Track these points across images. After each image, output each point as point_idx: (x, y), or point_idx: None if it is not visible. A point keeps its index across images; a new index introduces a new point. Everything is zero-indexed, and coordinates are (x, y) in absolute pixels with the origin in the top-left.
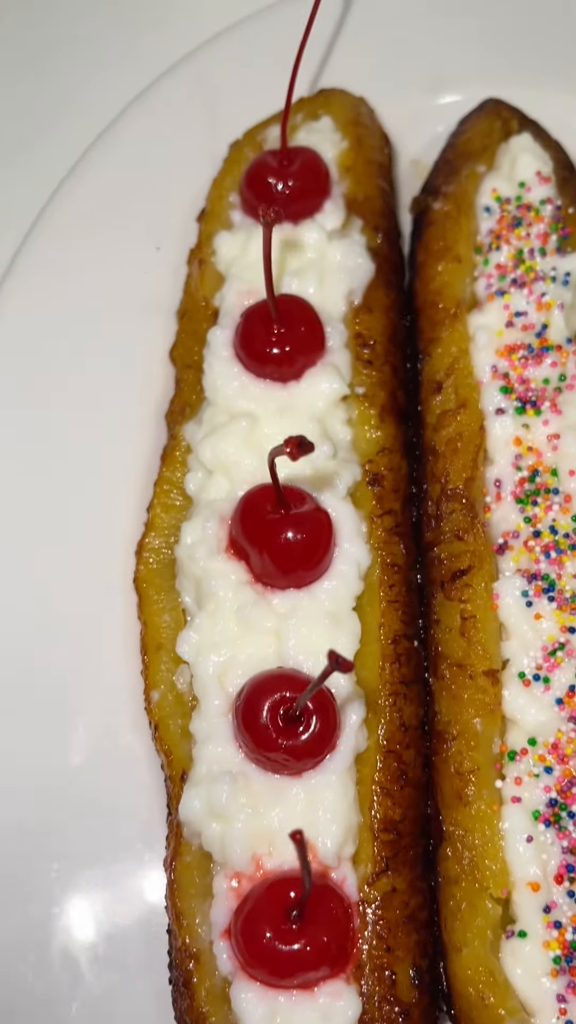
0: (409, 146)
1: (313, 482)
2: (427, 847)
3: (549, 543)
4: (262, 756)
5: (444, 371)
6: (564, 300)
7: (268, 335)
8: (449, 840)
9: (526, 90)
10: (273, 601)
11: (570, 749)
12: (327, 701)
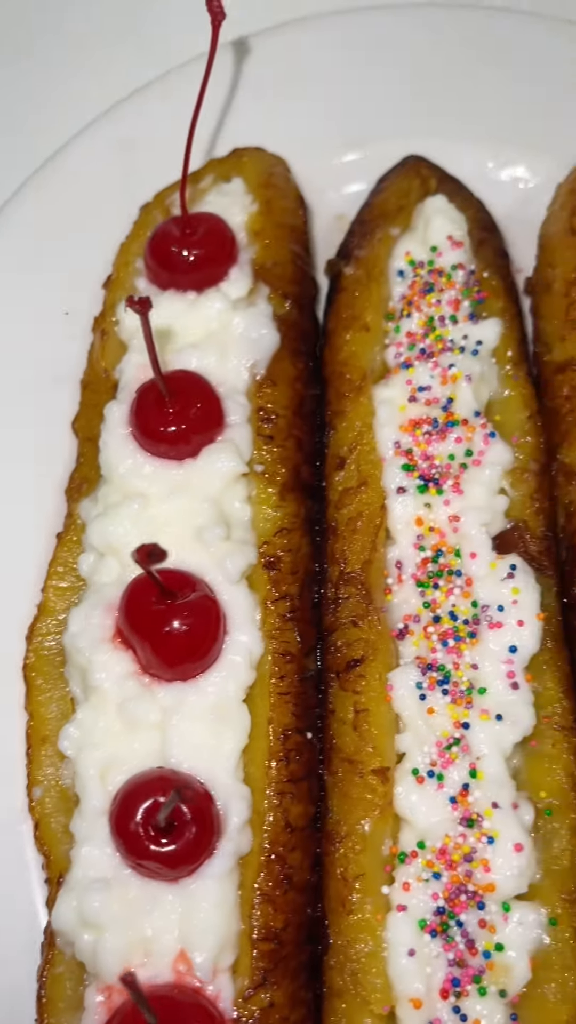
0: (336, 201)
1: (206, 566)
2: (315, 953)
3: (448, 630)
4: (135, 861)
5: (348, 446)
6: (472, 372)
7: (161, 413)
8: (334, 949)
9: (452, 144)
10: (158, 694)
11: (457, 856)
12: (205, 805)
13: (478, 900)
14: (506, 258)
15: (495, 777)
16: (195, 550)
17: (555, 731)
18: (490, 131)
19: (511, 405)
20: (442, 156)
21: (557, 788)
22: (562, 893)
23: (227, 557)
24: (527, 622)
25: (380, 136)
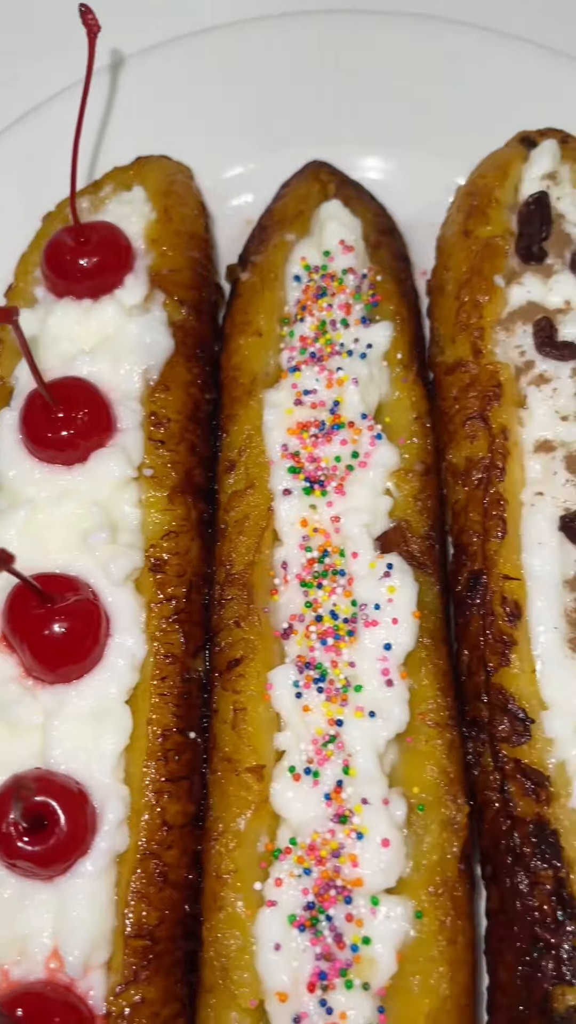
0: (246, 207)
1: (90, 570)
2: (193, 949)
3: (328, 628)
4: (7, 863)
5: (238, 449)
6: (359, 375)
7: (48, 419)
8: (207, 945)
9: (363, 149)
10: (40, 697)
11: (325, 851)
12: (78, 803)
13: (346, 895)
14: (405, 261)
15: (366, 773)
16: (80, 554)
17: (429, 728)
18: (401, 136)
19: (400, 407)
20: (352, 162)
21: (430, 784)
22: (429, 887)
23: (111, 560)
24: (402, 620)
25: (293, 142)
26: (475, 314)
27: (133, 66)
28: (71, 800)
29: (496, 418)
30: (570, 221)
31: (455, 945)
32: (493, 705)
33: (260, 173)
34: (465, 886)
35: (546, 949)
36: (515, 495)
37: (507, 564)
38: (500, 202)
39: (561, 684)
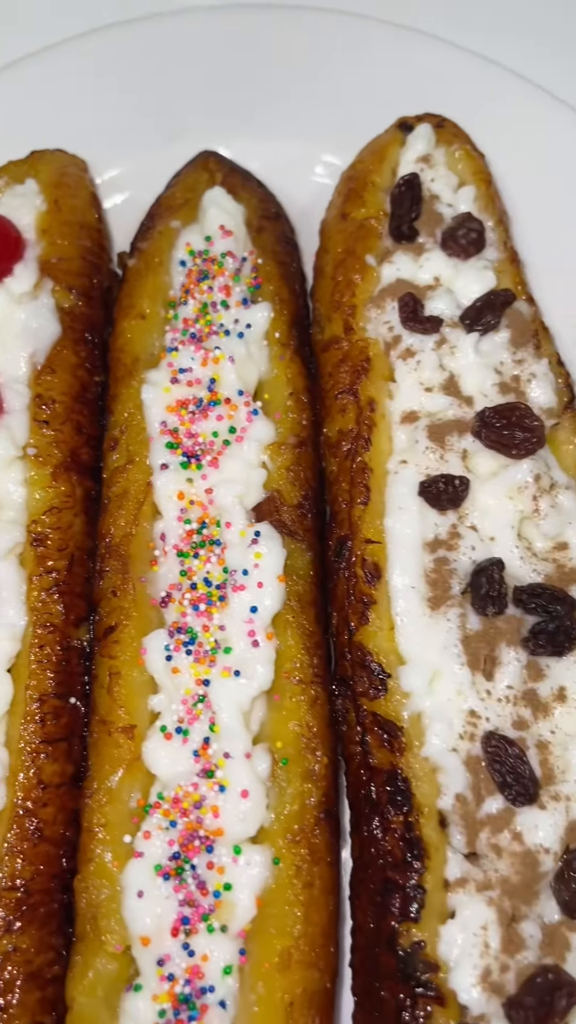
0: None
1: None
2: (67, 902)
3: (202, 595)
4: None
5: (120, 428)
6: (236, 353)
7: None
8: (78, 896)
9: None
10: None
11: (188, 803)
12: None
13: (208, 844)
14: (290, 245)
15: (229, 729)
16: None
17: (293, 685)
18: (296, 128)
19: (277, 384)
20: (248, 154)
21: (293, 738)
22: (287, 835)
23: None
24: (267, 584)
25: (190, 134)
26: (348, 292)
27: (35, 64)
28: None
29: (364, 391)
30: (443, 202)
31: (311, 889)
32: (355, 662)
33: (155, 166)
34: (325, 834)
35: (394, 889)
36: (381, 464)
37: (370, 529)
38: (376, 185)
39: (418, 640)
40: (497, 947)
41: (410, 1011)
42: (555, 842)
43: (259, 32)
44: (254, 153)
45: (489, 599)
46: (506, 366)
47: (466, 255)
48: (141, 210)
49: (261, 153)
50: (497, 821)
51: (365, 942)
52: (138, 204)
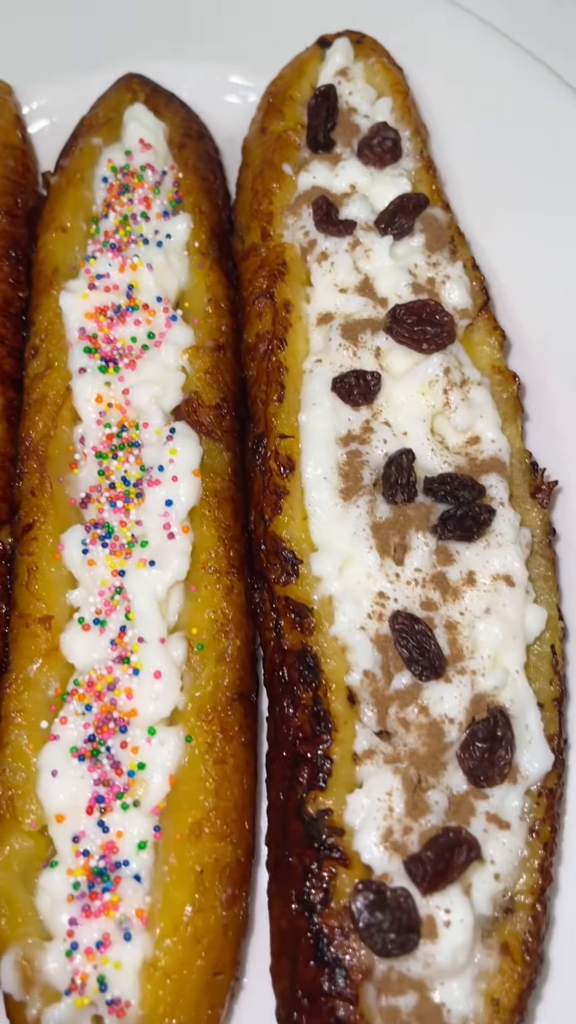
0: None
1: None
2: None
3: (119, 493)
4: None
5: (40, 336)
6: (155, 261)
7: None
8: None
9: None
10: None
11: (101, 685)
12: None
13: (122, 725)
14: (212, 163)
15: (143, 615)
16: None
17: (209, 575)
18: (223, 53)
19: (196, 292)
20: (174, 77)
21: (207, 624)
22: (200, 714)
23: None
24: (182, 478)
25: (116, 57)
26: (265, 200)
27: None
28: None
29: (280, 294)
30: (360, 113)
31: (223, 765)
32: (269, 552)
33: (81, 91)
34: (238, 715)
35: (303, 761)
36: (296, 364)
37: (285, 425)
38: (295, 99)
39: (329, 528)
40: (401, 811)
41: (315, 873)
42: (460, 712)
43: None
44: (183, 81)
45: (399, 487)
46: (420, 269)
47: (381, 163)
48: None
49: (189, 80)
50: (405, 696)
51: (277, 817)
52: (66, 130)
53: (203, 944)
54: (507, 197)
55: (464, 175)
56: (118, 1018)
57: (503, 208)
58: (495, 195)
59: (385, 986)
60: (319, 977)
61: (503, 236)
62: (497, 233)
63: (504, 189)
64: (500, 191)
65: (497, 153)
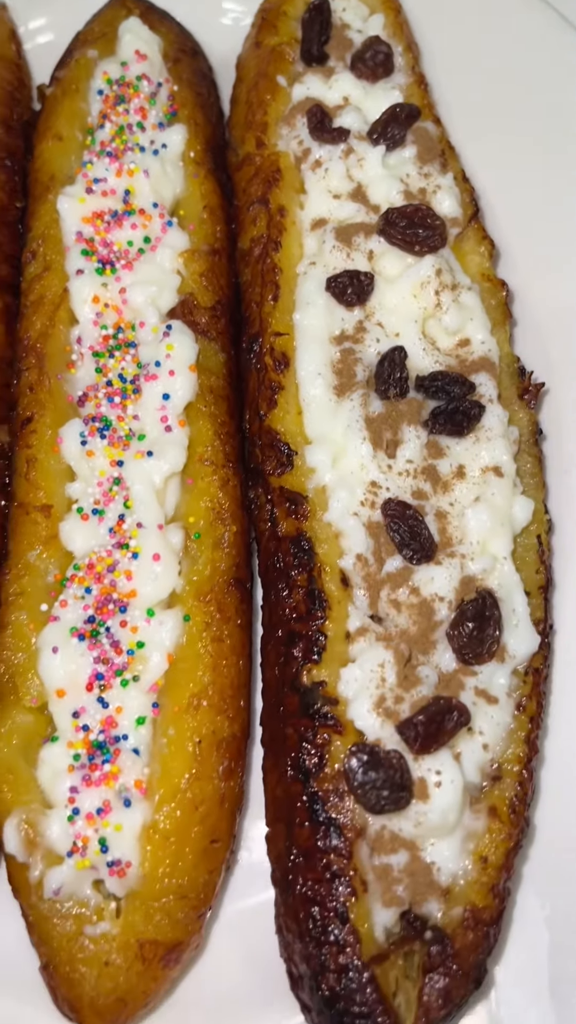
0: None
1: None
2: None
3: (116, 390)
4: None
5: (38, 240)
6: (151, 168)
7: None
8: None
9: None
10: None
11: (101, 567)
12: None
13: (122, 606)
14: (206, 80)
15: (142, 502)
16: None
17: (205, 467)
18: None
19: (191, 200)
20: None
21: (204, 513)
22: (198, 596)
23: None
24: (179, 372)
25: None
26: (260, 111)
27: None
28: None
29: (275, 199)
30: (353, 29)
31: (221, 643)
32: (265, 445)
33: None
34: (234, 599)
35: (298, 638)
36: (291, 267)
37: (280, 324)
38: (288, 15)
39: (323, 421)
40: (393, 682)
41: (311, 740)
42: (450, 592)
43: None
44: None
45: (391, 382)
46: (412, 178)
47: (374, 77)
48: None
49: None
50: (396, 579)
51: (271, 694)
52: (61, 47)
53: (201, 812)
54: (494, 117)
55: (453, 96)
56: (119, 878)
57: (490, 128)
58: (482, 115)
59: (378, 845)
60: (314, 836)
61: (490, 153)
62: (484, 150)
63: (490, 109)
64: (486, 111)
65: (482, 74)
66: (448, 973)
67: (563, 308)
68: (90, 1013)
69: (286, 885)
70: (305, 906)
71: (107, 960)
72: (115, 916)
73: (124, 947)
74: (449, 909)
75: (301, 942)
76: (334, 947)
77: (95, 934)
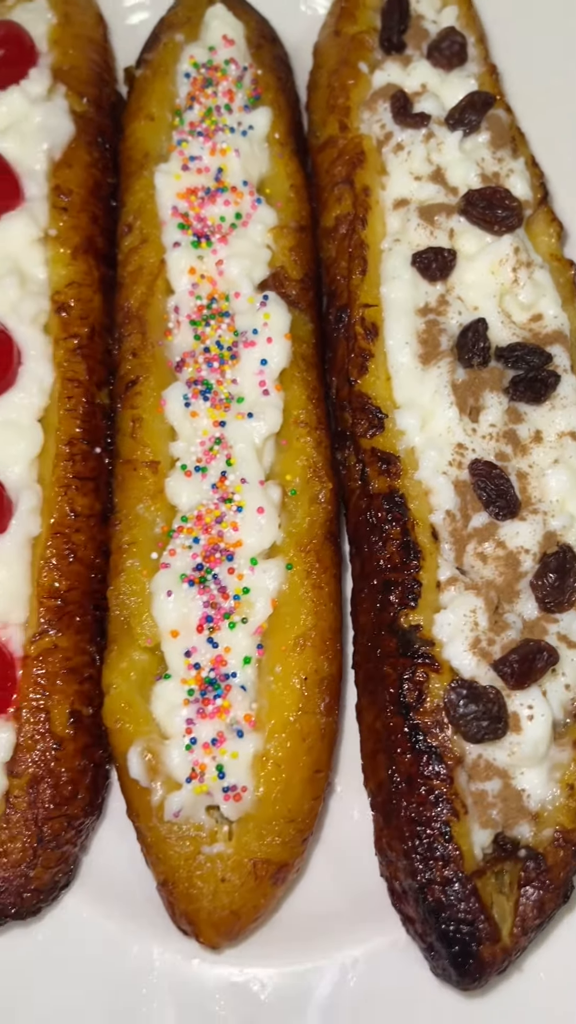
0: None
1: (2, 312)
2: (100, 618)
3: (214, 356)
4: None
5: (134, 214)
6: (240, 148)
7: None
8: (112, 606)
9: None
10: None
11: (209, 519)
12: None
13: (228, 554)
14: (285, 65)
15: (244, 460)
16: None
17: (300, 428)
18: None
19: (277, 179)
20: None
21: (300, 471)
22: (298, 547)
23: (21, 303)
24: (275, 340)
25: None
26: (343, 96)
27: None
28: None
29: (360, 180)
30: (428, 20)
31: (320, 590)
32: (355, 409)
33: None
34: (330, 551)
35: (393, 585)
36: (376, 243)
37: (367, 295)
38: (367, 5)
39: (411, 387)
40: (485, 626)
41: (410, 678)
42: (534, 545)
43: None
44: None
45: (475, 351)
46: (487, 162)
47: (449, 66)
48: (138, 38)
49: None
50: (482, 533)
51: (365, 639)
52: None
53: (307, 743)
54: (560, 105)
55: (520, 87)
56: (234, 802)
57: (558, 115)
58: (549, 103)
59: (474, 772)
60: (416, 763)
61: (556, 140)
62: (550, 136)
63: (556, 98)
64: (552, 100)
65: (542, 64)
66: (542, 887)
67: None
68: (206, 926)
69: (390, 809)
70: (411, 826)
71: (223, 877)
72: (228, 838)
73: (238, 866)
74: (540, 831)
75: (407, 859)
76: (439, 862)
77: (211, 853)
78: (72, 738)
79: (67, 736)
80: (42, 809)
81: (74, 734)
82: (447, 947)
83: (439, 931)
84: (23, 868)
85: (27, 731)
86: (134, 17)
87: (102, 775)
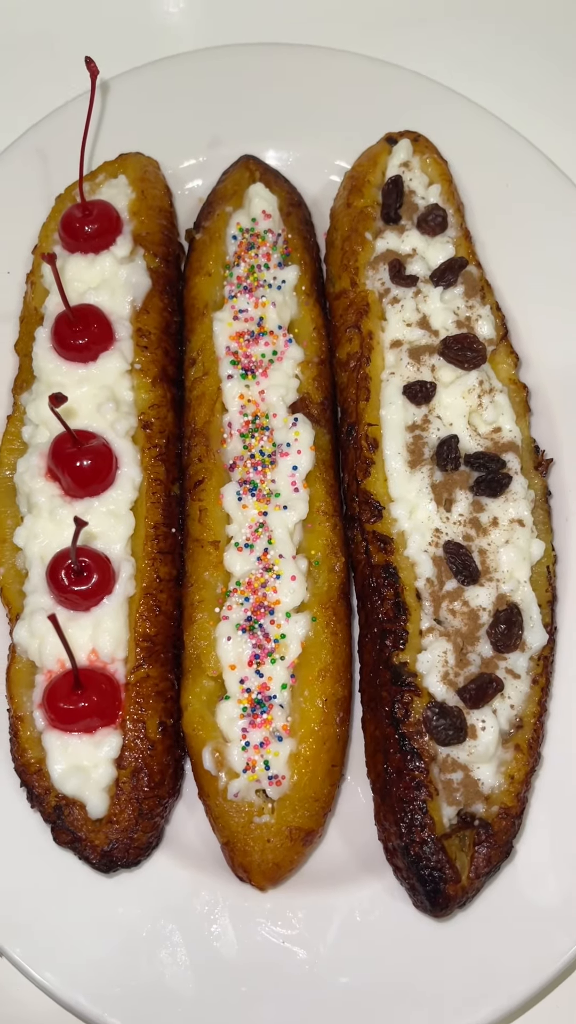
0: (198, 189)
1: (104, 428)
2: (178, 655)
3: (258, 461)
4: (61, 597)
5: (197, 351)
6: (276, 300)
7: (71, 332)
8: (187, 647)
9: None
10: (76, 507)
11: (256, 584)
12: (104, 563)
13: (270, 610)
14: (309, 225)
15: (281, 541)
16: (96, 419)
17: (321, 516)
18: (311, 139)
19: (303, 322)
20: (274, 157)
21: (321, 548)
22: (320, 604)
23: (116, 422)
24: (303, 451)
25: (231, 141)
26: (352, 258)
27: (116, 86)
28: (100, 562)
29: (365, 326)
30: (418, 195)
31: (336, 636)
32: (361, 502)
33: (206, 165)
34: (342, 609)
35: (389, 633)
36: (376, 375)
37: (370, 416)
38: (371, 183)
39: (402, 486)
40: (453, 663)
41: (400, 700)
42: (490, 604)
43: (287, 64)
44: (279, 159)
45: (448, 460)
46: (461, 310)
47: (433, 233)
48: (185, 199)
49: (284, 159)
50: (453, 595)
51: (368, 671)
52: (181, 195)
53: (327, 746)
54: (517, 258)
55: (488, 239)
56: (276, 787)
57: (517, 267)
58: (509, 256)
59: (444, 767)
60: (404, 760)
61: (515, 287)
62: (511, 284)
63: (514, 253)
64: (511, 254)
65: (504, 226)
66: (491, 846)
67: (562, 400)
68: (257, 874)
69: (385, 792)
70: (399, 804)
71: (268, 839)
72: (271, 812)
73: (279, 832)
74: (489, 808)
75: (396, 827)
76: (419, 829)
77: (260, 823)
78: (160, 741)
79: (157, 740)
80: (141, 791)
81: (162, 738)
82: (424, 887)
83: (418, 876)
84: (129, 833)
85: (129, 736)
86: (191, 183)
87: (180, 767)
